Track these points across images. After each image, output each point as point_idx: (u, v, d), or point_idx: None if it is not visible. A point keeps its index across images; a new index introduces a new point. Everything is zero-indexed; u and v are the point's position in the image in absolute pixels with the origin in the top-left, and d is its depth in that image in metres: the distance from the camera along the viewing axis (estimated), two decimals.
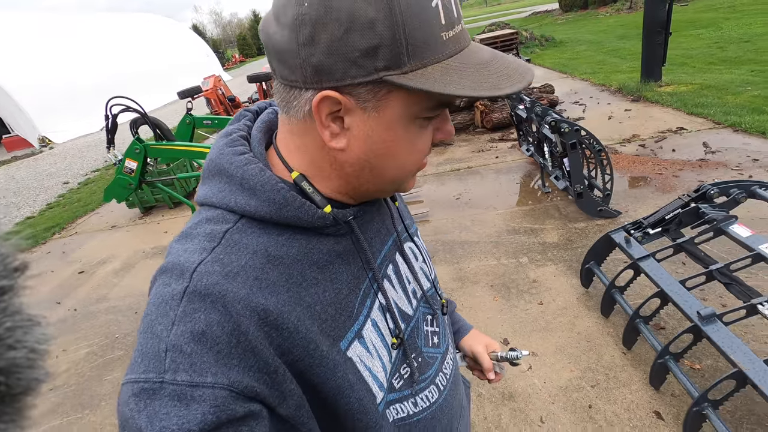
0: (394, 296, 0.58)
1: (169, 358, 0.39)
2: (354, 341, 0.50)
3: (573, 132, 2.93)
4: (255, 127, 0.54)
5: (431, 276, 0.68)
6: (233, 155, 0.49)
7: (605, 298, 2.23)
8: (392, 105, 0.44)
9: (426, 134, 0.48)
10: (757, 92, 5.17)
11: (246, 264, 0.44)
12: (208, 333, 0.40)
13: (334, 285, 0.50)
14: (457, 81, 0.42)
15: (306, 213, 0.48)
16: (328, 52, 0.41)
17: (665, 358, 1.76)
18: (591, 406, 1.85)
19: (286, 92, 0.46)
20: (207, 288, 0.42)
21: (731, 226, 1.95)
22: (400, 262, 0.61)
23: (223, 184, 0.49)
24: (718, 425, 1.49)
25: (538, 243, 3.07)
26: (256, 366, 0.41)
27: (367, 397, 0.50)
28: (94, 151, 11.06)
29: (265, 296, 0.44)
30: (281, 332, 0.43)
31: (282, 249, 0.47)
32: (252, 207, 0.47)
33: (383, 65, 0.41)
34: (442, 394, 0.62)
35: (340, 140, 0.46)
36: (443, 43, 0.42)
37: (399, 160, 0.48)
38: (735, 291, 1.73)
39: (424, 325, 0.63)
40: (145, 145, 3.19)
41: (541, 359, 2.13)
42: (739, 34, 8.89)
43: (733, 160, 3.70)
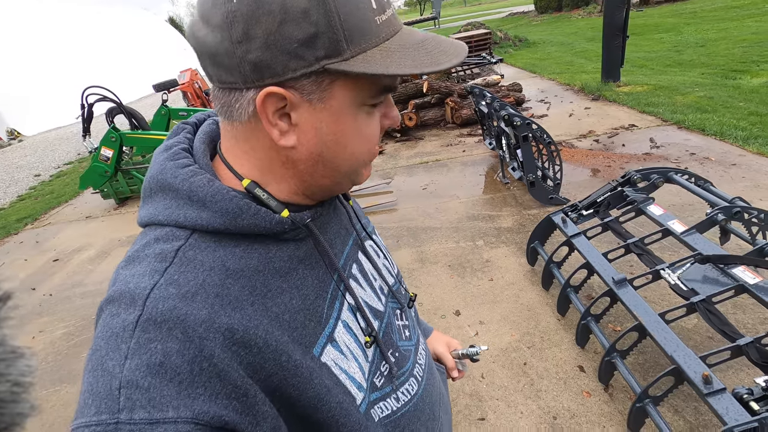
0: (363, 295, 0.58)
1: (123, 395, 0.36)
2: (327, 345, 0.49)
3: (524, 125, 3.20)
4: (197, 139, 0.52)
5: (394, 271, 0.68)
6: (177, 168, 0.47)
7: (545, 273, 2.50)
8: (337, 94, 0.44)
9: (374, 121, 0.49)
10: (702, 93, 5.58)
11: (204, 282, 0.42)
12: (166, 363, 0.37)
13: (300, 291, 0.49)
14: (398, 61, 0.43)
15: (263, 219, 0.46)
16: (265, 46, 0.40)
17: (587, 320, 2.02)
18: (526, 363, 2.11)
19: (225, 96, 0.45)
20: (163, 314, 0.39)
21: (649, 206, 2.23)
22: (363, 261, 0.61)
23: (168, 200, 0.47)
24: (623, 371, 1.76)
25: (494, 228, 3.33)
26: (224, 392, 0.39)
27: (347, 400, 0.49)
28: (67, 143, 10.88)
29: (229, 314, 0.41)
30: (250, 349, 0.42)
31: (241, 261, 0.45)
32: (204, 220, 0.45)
33: (323, 54, 0.41)
34: (421, 385, 0.63)
35: (289, 138, 0.45)
36: (378, 27, 0.43)
37: (350, 149, 0.48)
38: (645, 260, 2.01)
39: (395, 319, 0.63)
40: (121, 133, 3.30)
41: (487, 326, 2.38)
42: (696, 39, 9.43)
43: (673, 154, 4.05)
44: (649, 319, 1.69)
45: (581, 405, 1.86)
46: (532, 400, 1.92)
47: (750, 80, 5.93)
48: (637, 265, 2.57)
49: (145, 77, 15.70)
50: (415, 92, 6.20)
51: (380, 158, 5.35)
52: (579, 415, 1.82)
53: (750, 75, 6.16)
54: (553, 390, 1.95)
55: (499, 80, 7.00)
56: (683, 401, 1.78)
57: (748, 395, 1.33)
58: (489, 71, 8.83)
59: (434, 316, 2.53)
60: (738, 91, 5.54)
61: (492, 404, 1.93)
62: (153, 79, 9.38)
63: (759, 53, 7.16)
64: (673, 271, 1.84)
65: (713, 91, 5.65)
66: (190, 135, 0.54)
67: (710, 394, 1.37)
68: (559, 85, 7.41)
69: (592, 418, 1.79)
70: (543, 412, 1.86)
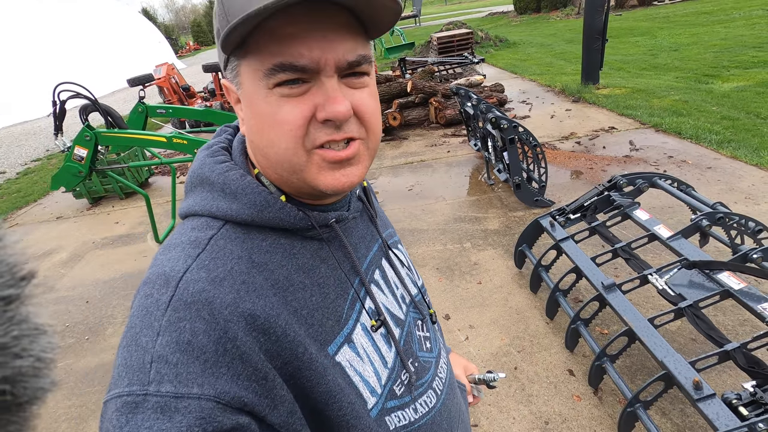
0: (384, 301, 0.58)
1: (154, 369, 0.38)
2: (343, 346, 0.50)
3: (511, 128, 3.21)
4: (236, 139, 0.56)
5: (418, 283, 0.69)
6: (214, 164, 0.51)
7: (533, 276, 2.52)
8: (244, 79, 0.46)
9: (290, 105, 0.44)
10: (678, 96, 5.76)
11: (232, 269, 0.44)
12: (194, 342, 0.39)
13: (321, 289, 0.50)
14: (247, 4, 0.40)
15: (287, 214, 0.49)
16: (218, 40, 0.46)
17: (577, 324, 2.04)
18: (516, 368, 2.12)
19: None
20: (193, 296, 0.41)
21: (635, 211, 2.27)
22: (386, 268, 0.62)
23: (205, 192, 0.50)
24: (613, 375, 1.78)
25: (480, 230, 3.34)
26: (245, 374, 0.41)
27: (358, 402, 0.49)
28: (34, 139, 10.40)
29: (253, 300, 0.43)
30: (269, 336, 0.43)
31: (266, 255, 0.48)
32: (234, 211, 0.48)
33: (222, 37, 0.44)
34: (440, 399, 0.62)
35: (242, 126, 0.51)
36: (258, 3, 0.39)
37: (266, 135, 0.46)
38: (633, 265, 2.04)
39: (416, 330, 0.63)
40: (95, 132, 3.15)
41: (477, 330, 2.38)
42: (670, 43, 9.72)
43: (652, 156, 4.16)
44: (638, 324, 1.72)
45: (572, 409, 1.88)
46: (523, 405, 1.93)
47: (721, 85, 6.15)
48: (621, 268, 2.62)
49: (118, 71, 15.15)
50: (399, 92, 6.18)
51: None
52: (570, 420, 1.83)
53: (721, 80, 6.38)
54: (544, 394, 1.96)
55: (481, 80, 7.05)
56: (670, 404, 1.82)
57: (737, 400, 1.36)
58: (471, 71, 8.89)
59: None
60: (710, 95, 5.73)
61: (484, 410, 1.93)
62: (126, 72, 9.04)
63: (729, 59, 7.43)
64: (660, 276, 1.88)
65: (687, 94, 5.83)
66: (231, 136, 0.58)
67: (700, 399, 1.39)
68: (540, 86, 7.51)
69: (583, 423, 1.81)
70: (535, 417, 1.87)
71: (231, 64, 0.47)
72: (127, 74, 8.44)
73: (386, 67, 11.87)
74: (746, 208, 3.06)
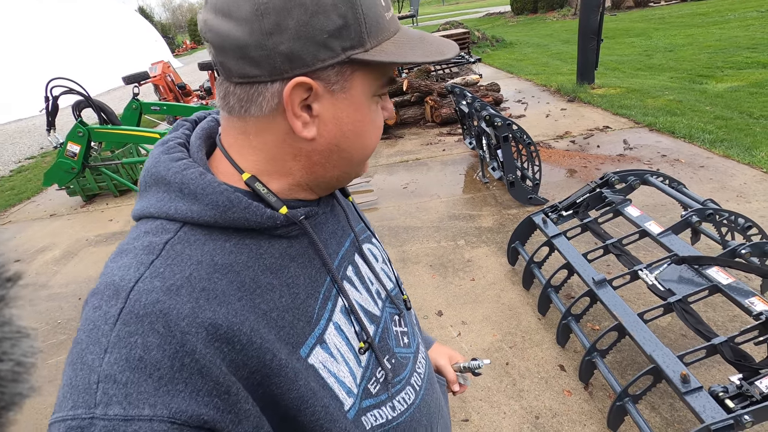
0: (358, 298, 0.57)
1: (101, 390, 0.35)
2: (316, 347, 0.48)
3: (505, 126, 3.22)
4: (194, 135, 0.53)
5: (393, 277, 0.67)
6: (170, 162, 0.48)
7: (526, 273, 2.53)
8: (356, 84, 0.46)
9: (380, 112, 0.51)
10: (672, 96, 5.79)
11: (191, 275, 0.42)
12: (146, 358, 0.37)
13: (290, 289, 0.48)
14: (410, 52, 0.47)
15: (253, 213, 0.46)
16: (296, 37, 0.42)
17: (568, 320, 2.05)
18: (508, 363, 2.12)
19: (245, 91, 0.45)
20: (146, 307, 0.39)
21: (626, 207, 2.29)
22: (360, 263, 0.60)
23: (161, 193, 0.47)
24: (603, 370, 1.79)
25: (474, 227, 3.35)
26: (206, 389, 0.38)
27: (334, 404, 0.48)
28: (29, 137, 10.34)
29: (214, 309, 0.41)
30: (233, 346, 0.41)
31: (230, 256, 0.45)
32: (194, 212, 0.45)
33: (349, 45, 0.44)
34: (419, 395, 0.61)
35: (310, 129, 0.46)
36: (388, 22, 0.47)
37: (365, 139, 0.50)
38: (623, 261, 2.05)
39: (393, 325, 0.61)
40: (89, 128, 3.14)
41: (470, 327, 2.39)
42: (665, 43, 9.78)
43: (646, 155, 4.18)
44: (628, 319, 1.73)
45: (562, 404, 1.88)
46: (514, 400, 1.93)
47: (715, 85, 6.19)
48: (613, 264, 2.64)
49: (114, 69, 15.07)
50: (395, 90, 6.18)
51: None
52: (560, 414, 1.84)
53: (715, 80, 6.42)
54: (534, 389, 1.97)
55: (477, 80, 7.06)
56: (659, 398, 1.84)
57: (723, 393, 1.37)
58: (467, 71, 8.91)
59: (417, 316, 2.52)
60: (704, 95, 5.77)
61: (475, 405, 1.94)
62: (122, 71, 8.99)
63: (723, 59, 7.48)
64: (650, 271, 1.89)
65: (682, 94, 5.86)
66: (188, 131, 0.54)
67: (688, 392, 1.40)
68: (536, 86, 7.54)
69: (573, 417, 1.82)
70: (525, 411, 1.87)
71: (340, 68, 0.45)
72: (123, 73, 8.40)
73: None
74: (738, 206, 3.09)
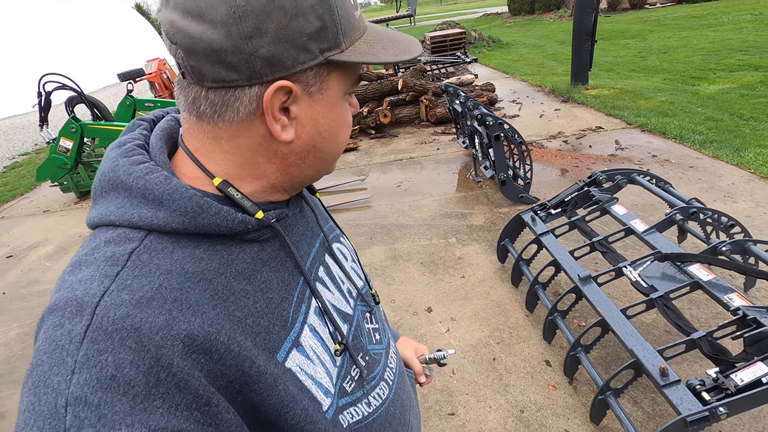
0: (331, 298, 0.57)
1: (70, 413, 0.33)
2: (292, 350, 0.48)
3: (497, 125, 3.25)
4: (154, 136, 0.50)
5: (362, 275, 0.68)
6: (130, 165, 0.45)
7: (514, 270, 2.56)
8: (332, 85, 0.47)
9: (349, 109, 0.52)
10: (664, 98, 5.84)
11: (161, 286, 0.40)
12: (119, 376, 0.35)
13: (264, 294, 0.47)
14: (382, 51, 0.47)
15: (224, 219, 0.44)
16: (276, 40, 0.41)
17: (554, 316, 2.08)
18: (495, 359, 2.15)
19: (219, 96, 0.43)
20: (115, 323, 0.36)
21: (613, 206, 2.32)
22: (330, 264, 0.60)
23: (121, 199, 0.44)
24: (587, 364, 1.82)
25: (466, 225, 3.38)
26: (184, 403, 0.37)
27: (313, 406, 0.48)
28: (23, 133, 10.29)
29: (188, 319, 0.40)
30: (211, 356, 0.40)
31: (201, 263, 0.43)
32: (160, 219, 0.43)
33: (326, 46, 0.44)
34: (392, 389, 0.62)
35: (289, 131, 0.46)
36: (357, 21, 0.47)
37: (339, 137, 0.51)
38: (609, 258, 2.09)
39: (365, 323, 0.62)
40: (81, 124, 3.15)
41: (458, 323, 2.41)
42: (660, 45, 9.84)
43: (636, 155, 4.22)
44: (611, 314, 1.76)
45: (547, 398, 1.91)
46: (500, 394, 1.96)
47: (707, 87, 6.25)
48: (602, 262, 2.67)
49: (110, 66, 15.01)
50: (390, 90, 6.20)
51: (355, 155, 5.33)
52: (545, 408, 1.87)
53: (707, 82, 6.48)
54: (520, 384, 2.00)
55: (473, 80, 7.10)
56: (642, 393, 1.87)
57: (700, 386, 1.40)
58: (463, 71, 8.94)
59: (406, 313, 2.55)
60: (696, 97, 5.82)
61: (462, 399, 1.96)
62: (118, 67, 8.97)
63: (716, 61, 7.55)
64: (634, 268, 1.92)
65: (674, 96, 5.91)
66: (146, 132, 0.52)
67: (666, 385, 1.43)
68: (531, 87, 7.58)
69: (557, 411, 1.85)
70: (511, 405, 1.90)
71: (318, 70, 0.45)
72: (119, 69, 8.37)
73: (379, 66, 11.90)
74: (725, 206, 3.13)
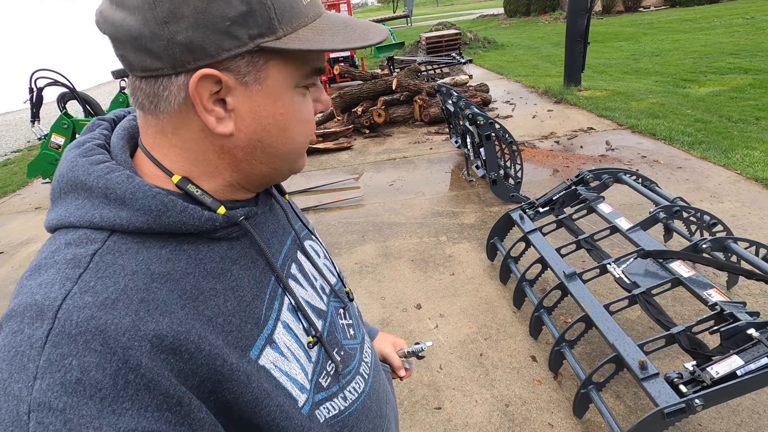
0: (304, 294, 0.56)
1: (33, 420, 0.32)
2: (266, 348, 0.48)
3: (488, 125, 3.28)
4: (115, 135, 0.49)
5: (335, 271, 0.68)
6: (90, 165, 0.43)
7: (503, 268, 2.59)
8: (272, 75, 0.44)
9: (307, 104, 0.49)
10: (655, 100, 5.91)
11: (126, 287, 0.39)
12: (84, 380, 0.34)
13: (235, 293, 0.46)
14: (330, 38, 0.44)
15: (191, 217, 0.43)
16: (195, 25, 0.39)
17: (540, 312, 2.11)
18: (482, 354, 2.18)
19: (150, 86, 0.42)
20: (78, 326, 0.35)
21: (599, 204, 2.35)
22: (303, 260, 0.60)
23: (81, 200, 0.43)
24: (570, 359, 1.86)
25: (457, 224, 3.41)
26: (155, 404, 0.36)
27: (288, 402, 0.48)
28: (15, 130, 10.23)
29: (156, 319, 0.39)
30: (181, 356, 0.39)
31: (168, 264, 0.42)
32: (123, 219, 0.42)
33: (257, 32, 0.41)
34: (368, 382, 0.62)
35: (227, 124, 0.44)
36: (305, 7, 0.44)
37: (290, 132, 0.48)
38: (594, 255, 2.12)
39: (339, 318, 0.62)
40: (74, 120, 3.15)
41: (447, 319, 2.44)
42: (653, 48, 9.94)
43: (626, 156, 4.27)
44: (594, 310, 1.79)
45: (532, 393, 1.94)
46: (486, 389, 1.99)
47: (698, 89, 6.33)
48: (589, 259, 2.71)
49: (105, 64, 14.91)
50: (385, 89, 6.23)
51: (349, 154, 5.35)
52: (530, 402, 1.90)
53: (698, 84, 6.56)
54: (506, 379, 2.03)
55: (467, 80, 7.14)
56: (624, 387, 1.90)
57: (678, 379, 1.43)
58: (458, 71, 8.99)
59: (396, 309, 2.57)
60: (687, 99, 5.90)
61: (448, 394, 1.99)
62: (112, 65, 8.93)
63: (707, 64, 7.64)
64: (618, 265, 1.95)
65: (665, 98, 5.98)
66: (107, 131, 0.50)
67: (645, 378, 1.47)
68: (525, 88, 7.63)
69: (541, 405, 1.88)
70: (496, 400, 1.93)
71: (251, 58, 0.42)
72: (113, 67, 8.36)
73: (375, 65, 11.93)
74: (711, 205, 3.18)
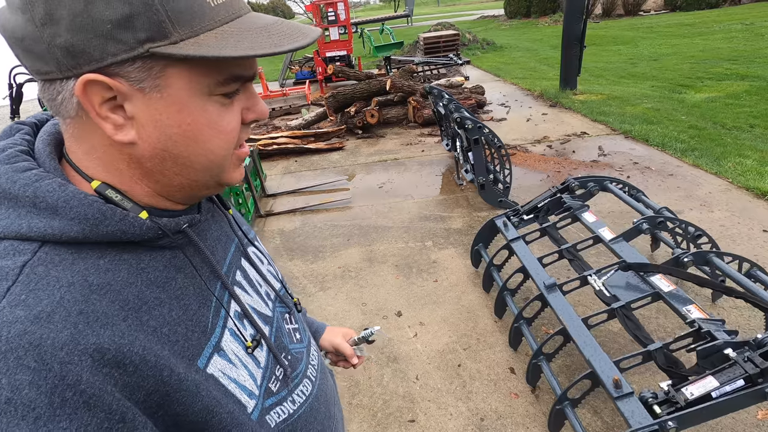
0: (250, 301, 0.57)
1: None
2: (213, 356, 0.47)
3: (476, 128, 3.24)
4: (39, 140, 0.46)
5: (279, 277, 0.69)
6: (15, 173, 0.41)
7: (485, 276, 2.54)
8: (174, 82, 0.41)
9: (230, 113, 0.46)
10: (650, 105, 5.86)
11: (62, 299, 0.37)
12: (15, 399, 0.32)
13: (180, 302, 0.46)
14: (233, 44, 0.41)
15: (131, 225, 0.42)
16: (73, 28, 0.37)
17: (519, 323, 2.06)
18: (460, 365, 2.13)
19: (47, 90, 0.41)
20: (9, 342, 0.34)
21: (583, 213, 2.31)
22: (247, 267, 0.60)
23: (5, 209, 0.40)
24: (547, 373, 1.81)
25: (443, 229, 3.36)
26: (95, 422, 0.35)
27: (238, 409, 0.48)
28: None
29: (96, 332, 0.37)
30: (125, 369, 0.38)
31: (107, 274, 0.41)
32: (55, 229, 0.40)
33: (145, 36, 0.38)
34: (315, 385, 0.63)
35: (126, 132, 0.42)
36: (213, 9, 0.41)
37: (203, 144, 0.44)
38: (575, 266, 2.07)
39: (284, 323, 0.63)
40: None
41: (427, 328, 2.39)
42: (650, 52, 9.90)
43: (618, 162, 4.23)
44: (572, 324, 1.75)
45: (508, 406, 1.90)
46: (462, 402, 1.94)
47: (693, 95, 6.29)
48: (573, 270, 2.66)
49: None
50: (379, 90, 6.18)
51: (340, 154, 5.30)
52: (505, 417, 1.85)
53: (694, 90, 6.52)
54: (483, 392, 1.98)
55: (462, 82, 7.09)
56: (603, 402, 1.86)
57: (652, 399, 1.39)
58: (455, 72, 8.94)
59: (376, 316, 2.52)
60: (682, 104, 5.85)
61: (423, 406, 1.94)
62: None
63: (704, 70, 7.60)
64: (599, 277, 1.91)
65: (660, 103, 5.94)
66: (29, 137, 0.48)
67: (619, 397, 1.42)
68: (521, 90, 7.59)
69: (517, 420, 1.84)
70: (471, 413, 1.88)
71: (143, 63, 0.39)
72: None
73: (373, 65, 11.88)
74: (700, 214, 3.14)
